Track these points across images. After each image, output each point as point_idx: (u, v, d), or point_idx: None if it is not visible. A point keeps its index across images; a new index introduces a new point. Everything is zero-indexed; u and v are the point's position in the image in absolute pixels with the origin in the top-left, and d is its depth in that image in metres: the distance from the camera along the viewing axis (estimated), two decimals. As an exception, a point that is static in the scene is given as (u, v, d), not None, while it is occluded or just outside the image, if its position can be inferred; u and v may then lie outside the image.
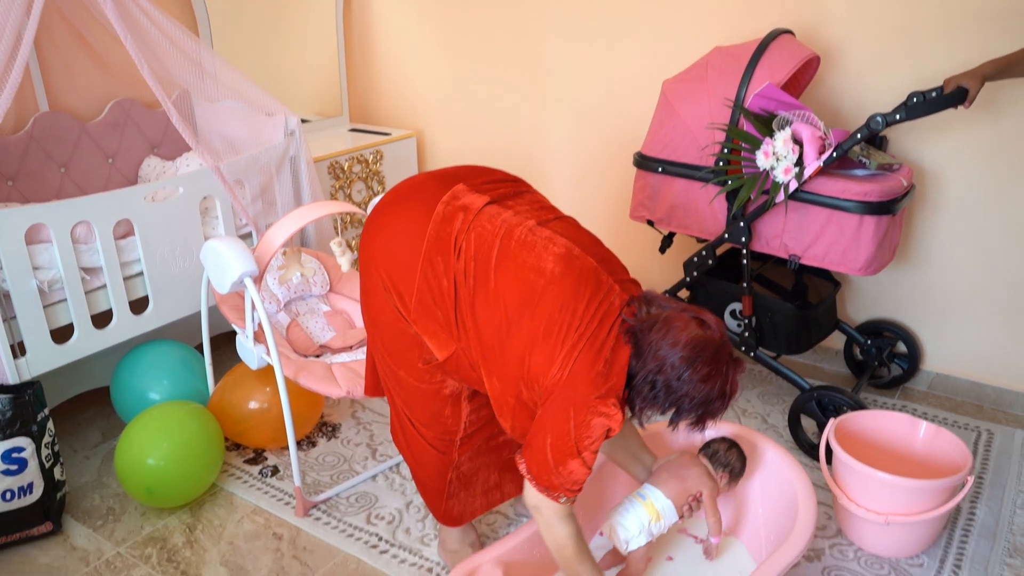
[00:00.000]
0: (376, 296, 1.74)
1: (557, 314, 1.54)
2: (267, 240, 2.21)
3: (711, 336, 1.53)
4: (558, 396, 1.54)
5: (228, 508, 2.29)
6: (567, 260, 1.58)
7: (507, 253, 1.59)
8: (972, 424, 2.60)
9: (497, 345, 1.60)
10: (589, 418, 1.52)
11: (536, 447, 1.58)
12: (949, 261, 2.68)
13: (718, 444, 1.95)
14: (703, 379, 1.51)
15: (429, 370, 1.75)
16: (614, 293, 1.57)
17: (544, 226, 1.63)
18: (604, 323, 1.54)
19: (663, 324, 1.53)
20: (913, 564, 2.01)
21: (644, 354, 1.53)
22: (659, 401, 1.54)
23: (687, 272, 2.59)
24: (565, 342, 1.53)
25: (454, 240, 1.62)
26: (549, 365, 1.54)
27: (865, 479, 1.96)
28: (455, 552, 2.01)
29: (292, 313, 2.55)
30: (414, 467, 1.92)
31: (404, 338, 1.73)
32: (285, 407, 2.16)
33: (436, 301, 1.64)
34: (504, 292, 1.58)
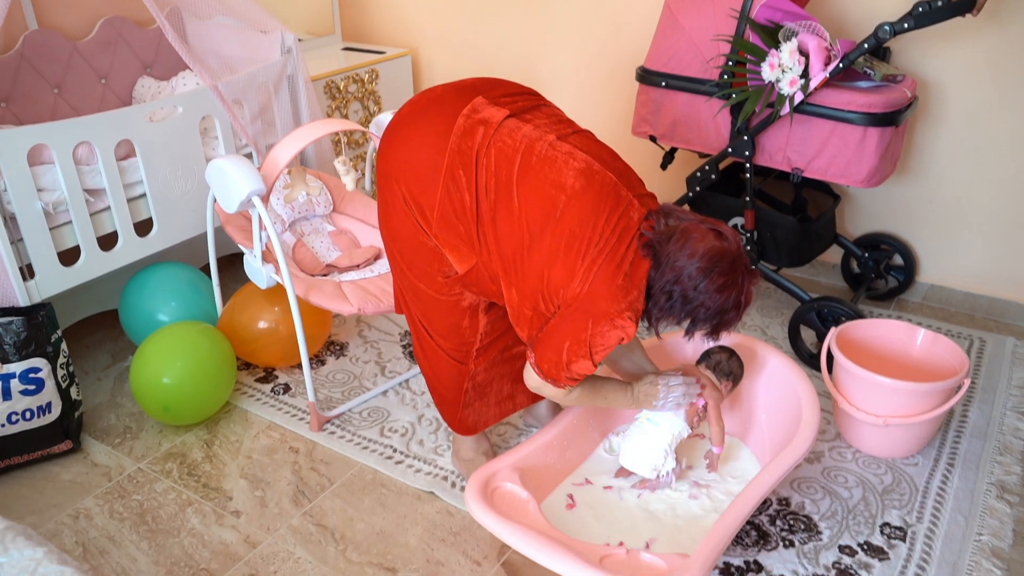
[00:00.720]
0: (396, 210, 1.75)
1: (578, 229, 1.56)
2: (272, 159, 2.20)
3: (728, 247, 1.56)
4: (577, 307, 1.58)
5: (243, 425, 2.34)
6: (587, 175, 1.59)
7: (528, 168, 1.60)
8: (965, 333, 2.67)
9: (518, 259, 1.62)
10: (605, 329, 1.57)
11: (551, 348, 1.63)
12: (948, 173, 2.71)
13: (719, 354, 2.00)
14: (719, 289, 1.55)
15: (449, 283, 1.77)
16: (633, 208, 1.60)
17: (564, 140, 1.64)
18: (624, 238, 1.57)
19: (681, 235, 1.56)
20: (909, 463, 2.10)
21: (662, 265, 1.56)
22: (675, 311, 1.58)
23: (690, 187, 2.60)
24: (585, 257, 1.55)
25: (475, 155, 1.63)
26: (570, 279, 1.57)
27: (865, 384, 2.02)
28: (469, 461, 2.07)
29: (297, 233, 2.55)
30: (431, 377, 1.96)
31: (424, 251, 1.75)
32: (297, 324, 2.18)
33: (458, 215, 1.66)
34: (526, 208, 1.60)
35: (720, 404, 1.95)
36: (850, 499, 1.99)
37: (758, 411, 2.09)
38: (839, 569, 1.79)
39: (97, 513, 2.02)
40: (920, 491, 2.01)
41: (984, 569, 1.79)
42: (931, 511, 1.95)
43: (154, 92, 2.86)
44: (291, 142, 2.20)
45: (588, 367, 1.62)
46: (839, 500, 1.98)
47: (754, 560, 1.81)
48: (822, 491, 2.01)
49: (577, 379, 1.65)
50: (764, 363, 2.09)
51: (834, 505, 1.97)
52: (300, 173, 2.44)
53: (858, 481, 2.04)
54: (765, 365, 2.09)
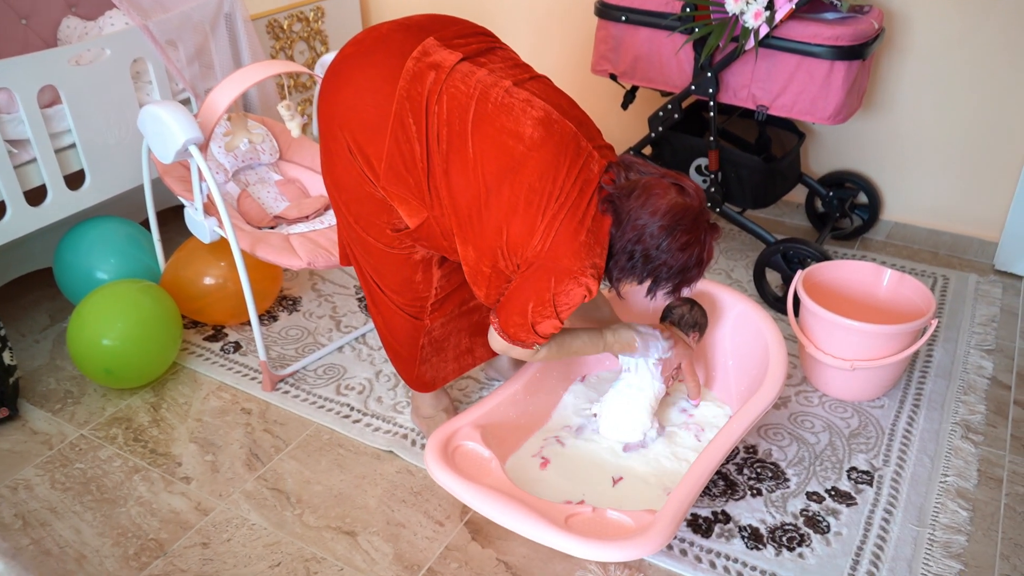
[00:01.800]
0: (340, 159, 1.64)
1: (538, 182, 1.48)
2: (210, 104, 2.05)
3: (690, 203, 1.51)
4: (539, 266, 1.52)
5: (192, 386, 2.24)
6: (546, 125, 1.51)
7: (483, 117, 1.50)
8: (929, 271, 2.64)
9: (474, 214, 1.54)
10: (570, 287, 1.51)
11: (515, 310, 1.57)
12: (912, 108, 2.65)
13: (681, 308, 1.95)
14: (681, 248, 1.50)
15: (399, 237, 1.68)
16: (593, 160, 1.53)
17: (520, 87, 1.54)
18: (585, 192, 1.50)
19: (642, 191, 1.50)
20: (875, 406, 2.08)
21: (623, 223, 1.51)
22: (637, 271, 1.53)
23: (652, 127, 2.51)
24: (546, 212, 1.48)
25: (425, 101, 1.52)
26: (530, 235, 1.50)
27: (832, 327, 1.98)
28: (429, 418, 2.01)
29: (242, 183, 2.42)
30: (385, 334, 1.88)
31: (371, 203, 1.65)
32: (244, 281, 2.07)
33: (407, 167, 1.56)
34: (481, 159, 1.51)
35: (692, 358, 1.91)
36: (817, 444, 1.96)
37: (724, 358, 2.05)
38: (807, 516, 1.77)
39: (38, 483, 1.92)
40: (886, 434, 1.99)
41: (950, 511, 1.78)
42: (897, 454, 1.93)
43: (80, 33, 2.66)
44: (230, 86, 2.05)
45: (555, 326, 1.57)
46: (806, 446, 1.96)
47: (722, 511, 1.78)
48: (789, 437, 1.99)
49: (545, 338, 1.60)
50: (729, 309, 2.04)
51: (801, 451, 1.94)
52: (241, 119, 2.30)
53: (825, 426, 2.02)
54: (730, 311, 2.04)
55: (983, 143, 2.59)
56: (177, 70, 2.43)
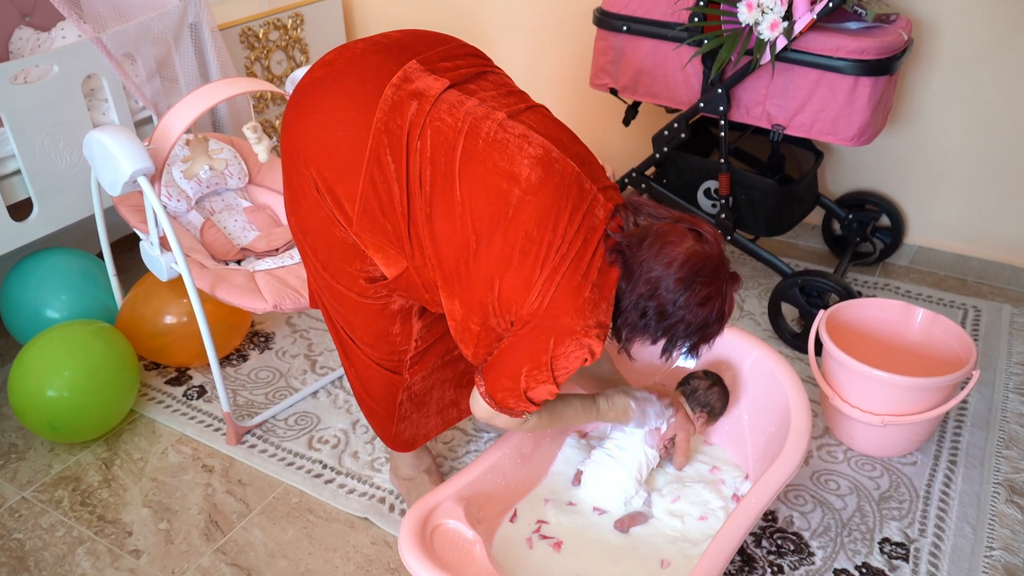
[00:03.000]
0: (306, 198, 1.42)
1: (535, 230, 1.28)
2: (164, 129, 1.84)
3: (710, 252, 1.32)
4: (536, 325, 1.32)
5: (150, 438, 2.02)
6: (546, 164, 1.30)
7: (473, 154, 1.30)
8: (958, 301, 2.43)
9: (461, 265, 1.33)
10: (570, 350, 1.31)
11: (505, 374, 1.37)
12: (939, 123, 2.43)
13: (698, 381, 1.74)
14: (701, 302, 1.30)
15: (374, 287, 1.46)
16: (598, 204, 1.32)
17: (516, 119, 1.33)
18: (589, 241, 1.30)
19: (655, 239, 1.30)
20: (906, 463, 1.87)
21: (634, 275, 1.31)
22: (650, 329, 1.34)
23: (656, 147, 2.30)
24: (545, 264, 1.28)
25: (406, 136, 1.31)
26: (526, 291, 1.29)
27: (861, 378, 1.77)
28: (409, 480, 1.79)
29: (206, 211, 2.20)
30: (358, 389, 1.66)
31: (342, 248, 1.43)
32: (202, 326, 1.86)
33: (384, 211, 1.35)
34: (470, 204, 1.30)
35: (690, 435, 1.70)
36: (844, 510, 1.75)
37: (738, 411, 1.83)
38: (835, 600, 1.56)
39: (-30, 558, 1.71)
40: (921, 497, 1.78)
41: (998, 592, 1.57)
42: (934, 521, 1.72)
43: (33, 46, 2.45)
44: (185, 108, 1.84)
45: (550, 392, 1.37)
46: (832, 512, 1.75)
47: (739, 593, 1.57)
48: (812, 501, 1.77)
49: (536, 406, 1.40)
50: (743, 356, 1.82)
51: (827, 518, 1.73)
52: (201, 144, 2.08)
53: (852, 487, 1.81)
54: (745, 358, 1.82)
55: (1016, 161, 2.37)
56: (136, 86, 2.21)
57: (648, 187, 2.38)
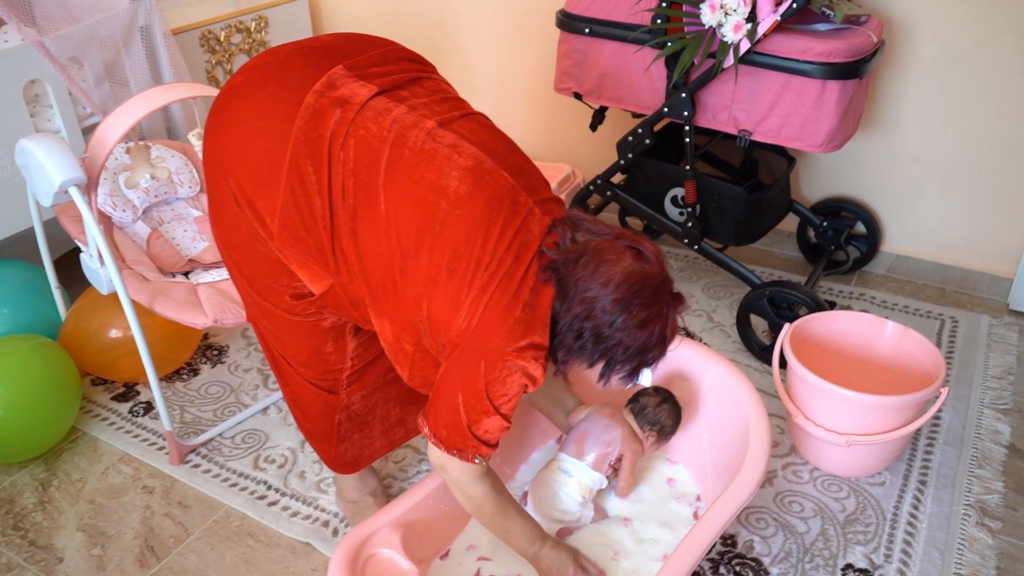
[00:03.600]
0: (227, 211, 1.35)
1: (463, 247, 1.20)
2: (100, 137, 1.77)
3: (649, 271, 1.24)
4: (465, 348, 1.23)
5: (91, 457, 1.95)
6: (476, 175, 1.23)
7: (399, 166, 1.22)
8: (935, 312, 2.35)
9: (388, 283, 1.26)
10: (504, 374, 1.23)
11: (443, 407, 1.28)
12: (917, 127, 2.36)
13: (648, 398, 1.67)
14: (640, 325, 1.22)
15: (302, 304, 1.39)
16: (533, 218, 1.25)
17: (447, 128, 1.25)
18: (522, 257, 1.22)
19: (592, 257, 1.22)
20: (874, 483, 1.79)
21: (569, 295, 1.23)
22: (587, 352, 1.26)
23: (621, 154, 2.22)
24: (473, 283, 1.20)
25: (328, 145, 1.24)
26: (454, 312, 1.22)
27: (824, 395, 1.69)
28: (354, 503, 1.72)
29: (154, 221, 2.13)
30: (295, 410, 1.59)
31: (266, 264, 1.36)
32: (139, 341, 1.79)
33: (306, 225, 1.27)
34: (396, 217, 1.23)
35: (636, 460, 1.62)
36: (807, 534, 1.67)
37: (698, 430, 1.75)
38: (794, 632, 1.48)
39: None
40: (888, 520, 1.70)
41: (965, 623, 1.49)
42: (901, 546, 1.64)
43: (-22, 50, 2.37)
44: (123, 115, 1.76)
45: (499, 425, 1.27)
46: (794, 536, 1.67)
47: (692, 625, 1.49)
48: (774, 524, 1.70)
49: (487, 445, 1.29)
50: (703, 372, 1.75)
51: (788, 543, 1.65)
52: (142, 152, 2.01)
53: (816, 509, 1.73)
54: (705, 375, 1.74)
55: (996, 167, 2.30)
56: (82, 92, 2.14)
57: (614, 194, 2.31)
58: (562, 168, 2.71)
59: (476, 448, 1.29)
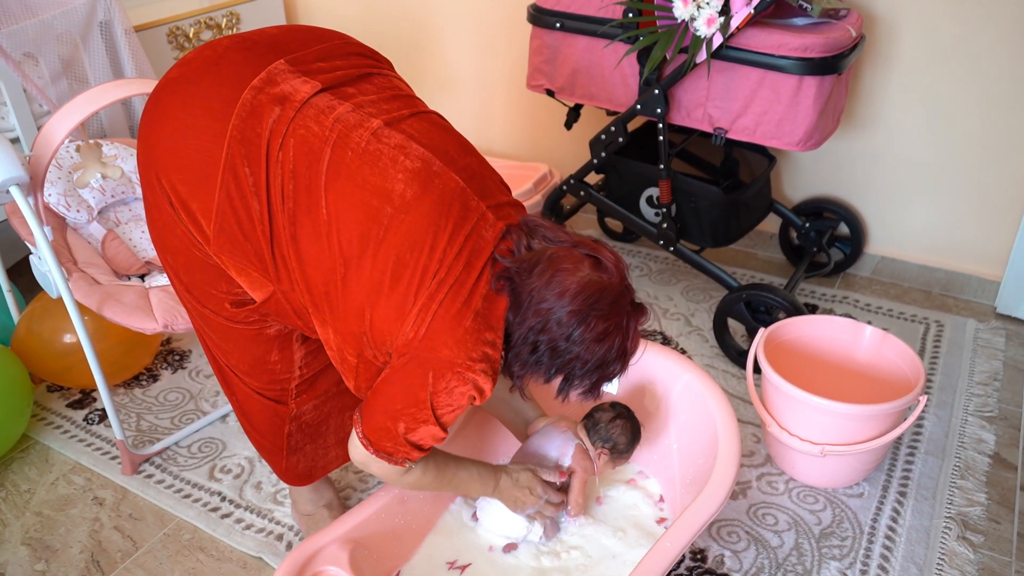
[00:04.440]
0: (161, 214, 1.28)
1: (408, 254, 1.14)
2: (45, 135, 1.70)
3: (608, 281, 1.17)
4: (412, 358, 1.17)
5: (41, 467, 1.88)
6: (424, 178, 1.16)
7: (341, 167, 1.15)
8: (920, 315, 2.28)
9: (331, 292, 1.19)
10: (452, 385, 1.16)
11: (379, 411, 1.22)
12: (900, 126, 2.29)
13: (601, 413, 1.58)
14: (598, 338, 1.16)
15: (244, 312, 1.32)
16: (486, 223, 1.18)
17: (394, 127, 1.18)
18: (473, 264, 1.15)
19: (547, 265, 1.16)
20: (852, 494, 1.72)
21: (523, 306, 1.16)
22: (543, 366, 1.19)
23: (594, 152, 2.15)
24: (419, 292, 1.14)
25: (266, 145, 1.17)
26: (400, 322, 1.15)
27: (798, 404, 1.63)
28: (309, 516, 1.65)
29: (111, 222, 2.06)
30: (242, 420, 1.52)
31: (204, 270, 1.29)
32: (85, 346, 1.72)
33: (244, 230, 1.20)
34: (338, 223, 1.16)
35: (587, 477, 1.54)
36: (780, 548, 1.60)
37: (667, 440, 1.68)
38: (762, 653, 1.41)
39: None
40: (865, 533, 1.63)
41: (942, 644, 1.42)
42: (878, 561, 1.57)
43: (-65, 46, 2.30)
44: (70, 113, 1.69)
45: (434, 435, 1.22)
46: (767, 550, 1.60)
47: (656, 646, 1.42)
48: (747, 538, 1.63)
49: (420, 451, 1.25)
50: (673, 380, 1.68)
51: (760, 558, 1.58)
52: (93, 150, 1.94)
53: (791, 522, 1.66)
54: (674, 383, 1.67)
55: (983, 166, 2.23)
56: (38, 88, 2.07)
57: (588, 195, 2.24)
58: (539, 168, 2.65)
59: (407, 454, 1.24)
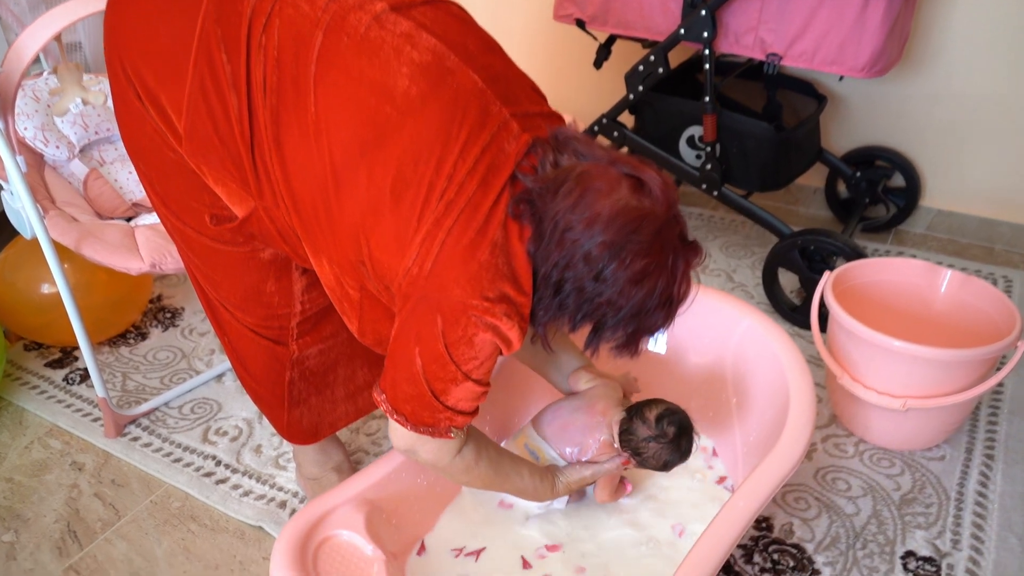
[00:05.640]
0: (129, 109, 1.09)
1: (411, 168, 0.93)
2: (16, 50, 1.49)
3: (650, 208, 0.93)
4: (420, 301, 0.96)
5: (15, 430, 1.68)
6: (434, 75, 0.95)
7: (334, 57, 0.95)
8: (985, 271, 2.08)
9: (321, 211, 0.99)
10: (469, 333, 0.95)
11: (401, 377, 1.01)
12: (964, 65, 2.08)
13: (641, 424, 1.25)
14: (635, 279, 0.93)
15: (227, 230, 1.12)
16: (508, 134, 0.96)
17: (401, 13, 0.97)
18: (490, 184, 0.94)
19: (576, 184, 0.92)
20: (932, 457, 1.52)
21: (545, 236, 0.93)
22: (567, 311, 0.97)
23: (630, 87, 1.95)
24: (424, 214, 0.93)
25: (247, 28, 0.97)
26: (400, 252, 0.95)
27: (877, 351, 1.42)
28: (315, 480, 1.45)
29: (93, 161, 1.85)
30: (236, 365, 1.32)
31: (180, 176, 1.09)
32: (62, 289, 1.51)
33: (220, 132, 1.01)
34: (327, 122, 0.96)
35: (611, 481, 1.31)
36: (856, 516, 1.40)
37: (725, 394, 1.48)
38: (848, 633, 1.21)
39: None
40: (952, 500, 1.43)
41: (1057, 622, 1.22)
42: (970, 530, 1.37)
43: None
44: (44, 25, 1.49)
45: (471, 392, 1.00)
46: (841, 518, 1.40)
47: (723, 625, 1.22)
48: (816, 505, 1.42)
49: (464, 413, 1.03)
50: (732, 325, 1.47)
51: (835, 527, 1.38)
52: (72, 72, 1.73)
53: (865, 487, 1.46)
54: (734, 328, 1.47)
55: (1054, 108, 2.02)
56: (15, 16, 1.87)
57: (622, 136, 2.03)
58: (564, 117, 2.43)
59: (450, 420, 1.02)
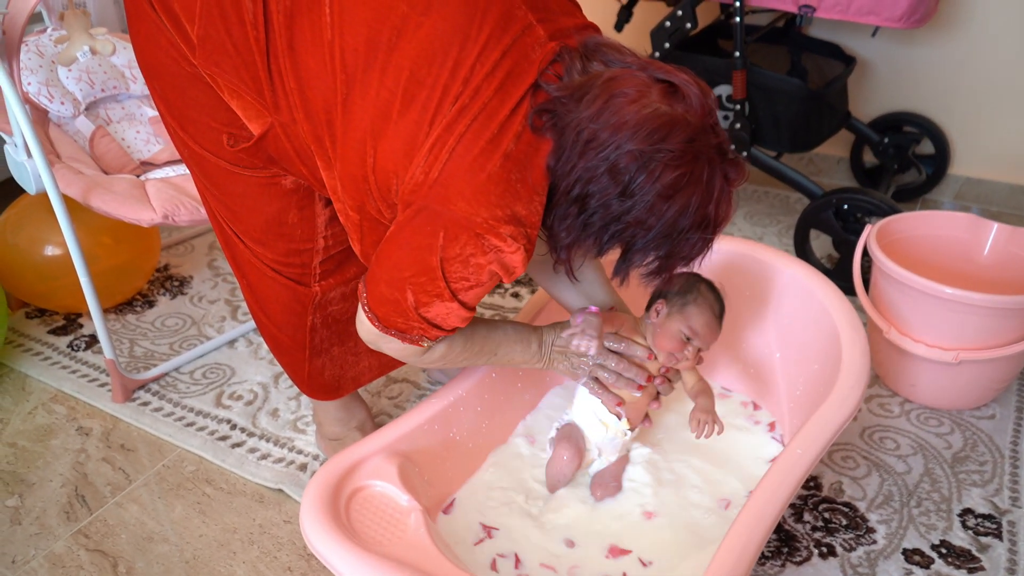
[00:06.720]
0: (143, 21, 1.04)
1: (425, 69, 0.87)
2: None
3: (683, 116, 0.85)
4: (420, 210, 0.89)
5: (17, 396, 1.60)
6: None
7: None
8: (1018, 237, 2.02)
9: (333, 118, 0.93)
10: (467, 252, 0.88)
11: (384, 279, 0.95)
12: (996, 27, 2.03)
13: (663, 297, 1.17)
14: (665, 194, 0.85)
15: (245, 153, 1.05)
16: (534, 40, 0.89)
17: None
18: (508, 91, 0.87)
19: (602, 91, 0.85)
20: (981, 416, 1.45)
21: (567, 147, 0.86)
22: (591, 231, 0.89)
23: (656, 44, 1.89)
24: (436, 120, 0.87)
25: None
26: (407, 159, 0.88)
27: (927, 300, 1.36)
28: (337, 440, 1.37)
29: (100, 119, 1.78)
30: (254, 307, 1.23)
31: (196, 91, 1.03)
32: (70, 242, 1.44)
33: (234, 38, 0.94)
34: (341, 27, 0.90)
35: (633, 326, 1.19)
36: (908, 475, 1.33)
37: (767, 348, 1.41)
38: (909, 590, 1.14)
39: None
40: (1007, 458, 1.37)
41: None
42: (1029, 487, 1.31)
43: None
44: (51, -36, 1.42)
45: (455, 313, 0.94)
46: (893, 476, 1.33)
47: (777, 582, 1.15)
48: (865, 464, 1.36)
49: (440, 330, 0.97)
50: (774, 275, 1.40)
51: (887, 485, 1.31)
52: (80, 19, 1.66)
53: (915, 446, 1.39)
54: (776, 278, 1.40)
55: (1088, 69, 1.97)
56: (17, -29, 1.79)
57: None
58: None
59: (423, 331, 0.97)
